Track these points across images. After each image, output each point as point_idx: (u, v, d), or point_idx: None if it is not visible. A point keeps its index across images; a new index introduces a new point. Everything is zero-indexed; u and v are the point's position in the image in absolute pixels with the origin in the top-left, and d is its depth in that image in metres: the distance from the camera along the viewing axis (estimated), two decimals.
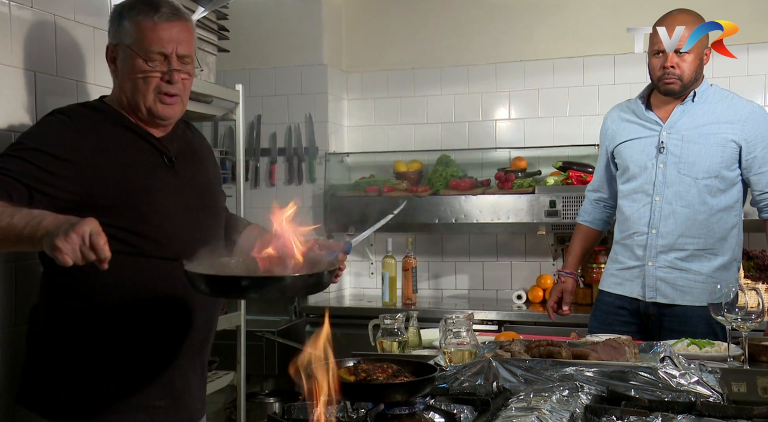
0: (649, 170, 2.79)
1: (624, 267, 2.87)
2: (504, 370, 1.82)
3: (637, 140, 2.83)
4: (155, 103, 1.87)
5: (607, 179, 3.03)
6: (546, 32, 4.45)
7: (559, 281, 3.08)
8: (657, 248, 2.77)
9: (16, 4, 2.04)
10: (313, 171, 4.60)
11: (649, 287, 2.79)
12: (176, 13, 1.88)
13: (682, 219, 2.74)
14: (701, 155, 2.72)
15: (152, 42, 1.84)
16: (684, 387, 1.71)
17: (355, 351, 2.19)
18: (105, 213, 1.70)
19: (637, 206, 2.82)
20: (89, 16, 2.29)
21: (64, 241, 1.44)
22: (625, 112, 2.95)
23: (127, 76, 1.87)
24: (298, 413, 1.67)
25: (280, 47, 4.61)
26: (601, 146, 3.04)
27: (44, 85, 2.13)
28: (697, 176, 2.73)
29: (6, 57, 2.01)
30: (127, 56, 1.85)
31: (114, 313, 1.83)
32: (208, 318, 2.01)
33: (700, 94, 2.78)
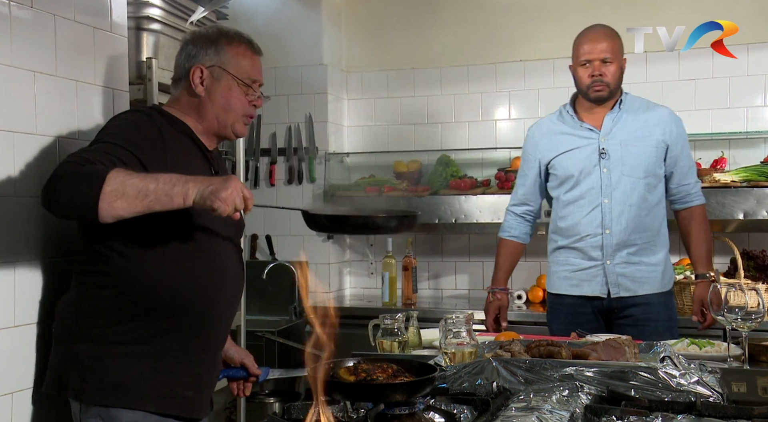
0: (594, 176, 2.95)
1: (578, 269, 2.99)
2: (504, 370, 1.82)
3: (576, 150, 2.99)
4: (239, 123, 2.10)
5: (535, 192, 3.15)
6: (546, 32, 4.45)
7: (495, 299, 3.17)
8: (612, 246, 2.93)
9: (16, 4, 2.04)
10: (313, 171, 4.60)
11: (611, 284, 2.94)
12: (260, 48, 2.15)
13: (631, 217, 2.92)
14: (640, 157, 2.93)
15: (251, 73, 2.08)
16: (684, 387, 1.71)
17: (355, 351, 2.20)
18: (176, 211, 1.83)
19: (585, 210, 2.96)
20: (89, 16, 2.29)
21: (228, 194, 1.67)
22: (554, 125, 3.11)
23: (222, 96, 2.06)
24: (298, 413, 1.67)
25: (280, 47, 4.61)
26: (529, 160, 3.14)
27: (44, 85, 2.13)
28: (638, 176, 2.93)
29: (6, 57, 2.01)
30: (225, 80, 2.05)
31: (148, 307, 1.92)
32: (231, 315, 2.13)
33: (624, 102, 3.01)
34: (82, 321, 1.94)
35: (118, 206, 1.68)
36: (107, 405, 1.90)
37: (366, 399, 1.58)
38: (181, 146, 2.01)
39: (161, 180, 1.70)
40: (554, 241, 3.08)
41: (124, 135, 1.89)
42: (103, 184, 1.67)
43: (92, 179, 1.68)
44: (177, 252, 1.89)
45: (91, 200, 1.67)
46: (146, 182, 1.70)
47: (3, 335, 1.99)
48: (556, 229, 3.06)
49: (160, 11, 2.84)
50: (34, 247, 2.09)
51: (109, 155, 1.81)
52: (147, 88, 2.74)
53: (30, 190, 2.07)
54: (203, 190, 1.68)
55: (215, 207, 1.67)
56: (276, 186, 4.66)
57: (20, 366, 2.05)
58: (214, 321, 2.04)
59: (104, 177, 1.67)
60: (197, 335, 2.00)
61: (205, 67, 2.05)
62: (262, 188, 4.68)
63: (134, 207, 1.69)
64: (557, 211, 3.05)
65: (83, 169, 1.72)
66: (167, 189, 1.69)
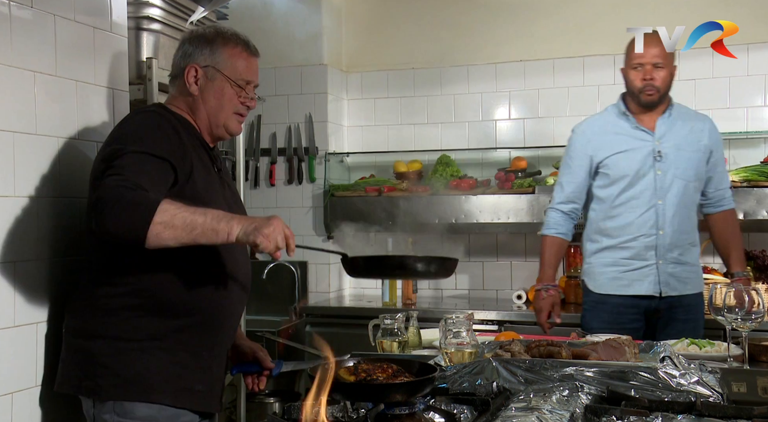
0: (648, 177, 3.02)
1: (629, 269, 3.04)
2: (504, 370, 1.82)
3: (632, 151, 3.04)
4: (232, 121, 2.13)
5: (583, 190, 3.16)
6: (546, 32, 4.45)
7: (548, 296, 3.17)
8: (665, 247, 3.01)
9: (16, 4, 2.04)
10: (313, 171, 4.60)
11: (663, 283, 3.01)
12: (256, 49, 2.17)
13: (682, 219, 3.03)
14: (691, 161, 3.04)
15: (244, 74, 2.10)
16: (684, 387, 1.71)
17: (355, 351, 2.20)
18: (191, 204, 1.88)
19: (639, 211, 3.02)
20: (89, 16, 2.29)
21: (272, 231, 1.74)
22: (607, 124, 3.14)
23: (215, 97, 2.09)
24: (298, 413, 1.67)
25: (280, 47, 4.61)
26: (579, 157, 3.14)
27: (44, 85, 2.13)
28: (689, 179, 3.04)
29: (6, 57, 2.01)
30: (218, 80, 2.08)
31: (162, 305, 1.96)
32: (241, 311, 2.19)
33: (674, 108, 3.11)
34: (95, 318, 1.97)
35: (166, 236, 1.74)
36: (122, 399, 1.93)
37: (366, 399, 1.58)
38: (191, 142, 2.04)
39: (209, 215, 1.77)
40: (597, 241, 3.11)
41: (151, 142, 1.91)
42: (154, 214, 1.72)
43: (144, 209, 1.73)
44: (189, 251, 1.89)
45: (142, 229, 1.73)
46: (195, 216, 1.76)
47: (3, 335, 1.99)
48: (600, 229, 3.09)
49: (160, 11, 2.84)
50: (33, 247, 2.09)
51: (148, 174, 1.85)
52: (147, 88, 2.74)
53: (30, 190, 2.07)
54: (247, 227, 1.75)
55: (258, 242, 1.73)
56: (276, 186, 4.66)
57: (21, 366, 2.05)
58: (226, 317, 2.08)
59: (155, 208, 1.73)
60: (209, 331, 2.04)
61: (199, 66, 2.07)
62: (262, 188, 4.68)
63: (181, 239, 1.76)
64: (604, 211, 3.08)
65: (135, 195, 1.76)
66: (213, 224, 1.76)
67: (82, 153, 2.24)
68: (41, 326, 2.11)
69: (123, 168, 1.83)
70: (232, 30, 2.15)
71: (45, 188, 2.12)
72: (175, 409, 1.97)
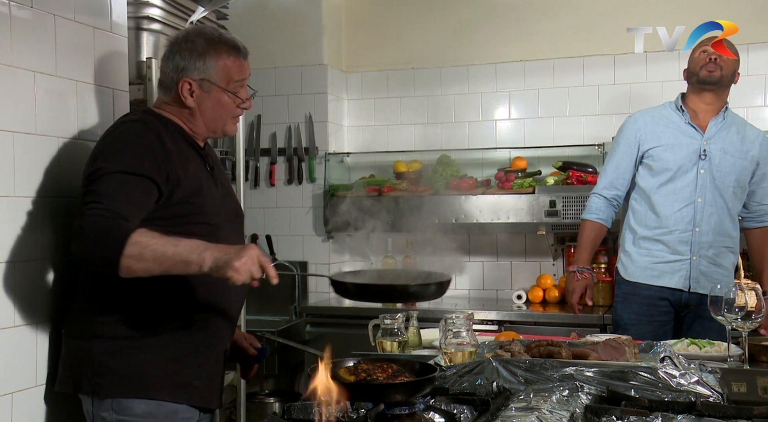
0: (691, 174, 3.03)
1: (661, 261, 3.06)
2: (504, 370, 1.82)
3: (679, 146, 3.05)
4: (228, 125, 2.15)
5: (627, 178, 3.15)
6: (546, 32, 4.45)
7: (582, 278, 3.15)
8: (700, 244, 3.03)
9: (16, 4, 2.04)
10: (313, 171, 4.60)
11: (693, 279, 3.03)
12: (246, 50, 2.15)
13: (719, 220, 3.04)
14: (735, 167, 3.05)
15: (238, 79, 2.10)
16: (684, 387, 1.71)
17: (355, 351, 2.20)
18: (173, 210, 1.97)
19: (678, 205, 3.03)
20: (89, 16, 2.29)
21: (241, 263, 1.72)
22: (659, 117, 3.13)
23: (212, 108, 2.09)
24: (298, 413, 1.67)
25: (280, 47, 4.61)
26: (627, 144, 3.13)
27: (44, 85, 2.13)
28: (729, 184, 3.05)
29: (6, 57, 2.01)
30: (214, 92, 2.08)
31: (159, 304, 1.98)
32: (239, 308, 2.19)
33: (728, 113, 3.11)
34: (93, 318, 1.99)
35: (137, 269, 1.77)
36: (120, 396, 1.95)
37: (366, 399, 1.58)
38: (178, 148, 2.03)
39: (181, 246, 1.77)
40: (634, 231, 3.12)
41: (131, 159, 1.92)
42: (124, 247, 1.75)
43: (115, 243, 1.76)
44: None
45: (113, 261, 1.76)
46: (166, 247, 1.77)
47: (3, 335, 2.00)
48: (639, 219, 3.11)
49: (160, 11, 2.84)
50: (33, 247, 2.09)
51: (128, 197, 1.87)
52: (147, 88, 2.74)
53: (30, 190, 2.07)
54: (218, 259, 1.74)
55: (228, 276, 1.73)
56: (276, 186, 4.66)
57: (21, 366, 2.05)
58: (223, 315, 2.10)
59: (126, 240, 1.75)
60: (206, 328, 2.06)
61: (194, 80, 2.06)
62: (262, 188, 4.68)
63: (151, 271, 1.78)
64: (644, 202, 3.09)
65: (111, 227, 1.79)
66: (184, 256, 1.76)
67: (82, 153, 2.23)
68: (41, 326, 2.11)
69: (101, 195, 1.86)
70: (218, 34, 2.13)
71: (45, 188, 2.12)
72: (173, 404, 1.99)
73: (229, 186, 2.28)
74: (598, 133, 4.27)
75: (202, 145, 2.16)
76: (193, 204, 2.01)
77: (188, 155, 2.07)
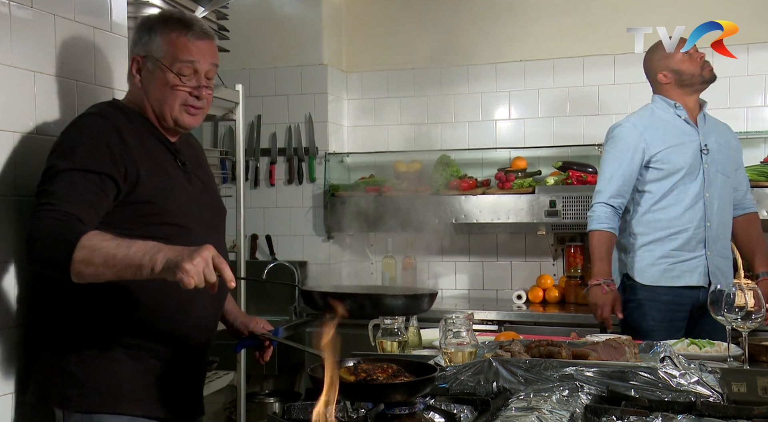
0: (698, 171, 3.07)
1: (679, 260, 3.07)
2: (504, 370, 1.82)
3: (683, 145, 3.09)
4: (181, 114, 1.97)
5: (632, 185, 3.14)
6: (546, 32, 4.45)
7: (610, 290, 3.09)
8: (713, 238, 3.08)
9: (16, 4, 2.04)
10: (313, 171, 4.60)
11: (711, 274, 3.07)
12: (206, 32, 1.97)
13: (725, 212, 3.13)
14: (729, 157, 3.15)
15: (185, 56, 1.92)
16: (684, 387, 1.71)
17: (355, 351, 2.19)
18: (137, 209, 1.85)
19: (688, 203, 3.06)
20: (89, 16, 2.29)
21: (192, 264, 1.56)
22: (656, 120, 3.14)
23: (156, 88, 1.95)
24: (298, 413, 1.67)
25: (280, 47, 4.61)
26: (632, 151, 3.09)
27: (44, 85, 2.12)
28: (728, 175, 3.14)
29: (6, 57, 2.01)
30: (157, 69, 1.93)
31: (131, 313, 1.88)
32: (216, 315, 2.09)
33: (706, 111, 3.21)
34: (65, 328, 1.90)
35: (88, 274, 1.65)
36: (90, 411, 1.86)
37: (366, 399, 1.58)
38: (141, 142, 1.93)
39: (133, 248, 1.64)
40: (643, 234, 3.11)
41: (87, 155, 1.81)
42: (74, 251, 1.63)
43: (65, 247, 1.65)
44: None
45: (63, 266, 1.65)
46: (117, 249, 1.64)
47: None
48: (646, 222, 3.11)
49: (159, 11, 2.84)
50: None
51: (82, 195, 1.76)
52: None
53: (30, 190, 2.06)
54: (170, 260, 1.59)
55: (178, 279, 1.57)
56: (276, 186, 4.66)
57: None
58: (198, 324, 2.00)
59: (75, 244, 1.64)
60: (181, 338, 1.96)
61: (140, 57, 1.95)
62: (262, 188, 4.68)
63: (102, 275, 1.65)
64: (652, 204, 3.09)
65: (61, 230, 1.68)
66: (136, 259, 1.62)
67: None
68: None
69: (54, 195, 1.75)
70: (179, 13, 1.99)
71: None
72: (145, 420, 1.90)
73: (210, 184, 2.15)
74: (598, 133, 4.25)
75: (173, 139, 2.03)
76: (158, 204, 1.88)
77: (154, 150, 1.96)
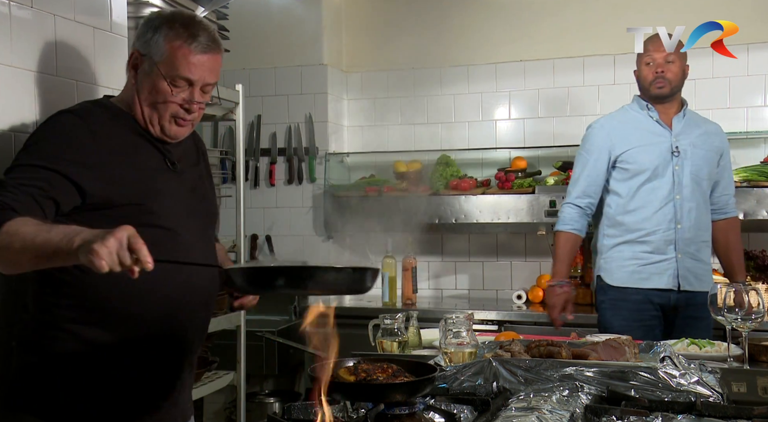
0: (668, 172, 3.06)
1: (647, 263, 3.06)
2: (504, 370, 1.82)
3: (651, 146, 3.09)
4: (170, 124, 1.90)
5: (600, 185, 3.16)
6: (546, 32, 4.45)
7: (562, 292, 3.16)
8: (683, 241, 3.05)
9: (16, 4, 2.04)
10: (313, 171, 4.60)
11: (681, 277, 3.05)
12: (211, 45, 1.88)
13: (698, 215, 3.08)
14: (706, 159, 3.10)
15: (182, 69, 1.85)
16: (684, 387, 1.71)
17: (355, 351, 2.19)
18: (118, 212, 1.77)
19: (658, 204, 3.06)
20: (89, 16, 2.29)
21: (102, 245, 1.42)
22: (625, 120, 3.17)
23: (148, 92, 1.88)
24: (298, 413, 1.67)
25: (280, 47, 4.61)
26: (597, 151, 3.15)
27: (44, 85, 2.13)
28: (703, 177, 3.09)
29: (6, 57, 2.01)
30: (153, 73, 1.86)
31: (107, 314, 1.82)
32: (202, 317, 2.01)
33: (687, 110, 3.17)
34: (37, 332, 1.83)
35: (7, 261, 1.59)
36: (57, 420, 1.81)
37: (366, 399, 1.58)
38: (123, 143, 1.86)
39: (53, 232, 1.54)
40: (612, 236, 3.13)
41: (50, 153, 1.76)
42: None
43: None
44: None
45: None
46: (37, 234, 1.55)
47: None
48: (616, 223, 3.12)
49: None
50: None
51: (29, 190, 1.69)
52: None
53: None
54: (85, 241, 1.46)
55: (87, 262, 1.45)
56: (276, 186, 4.66)
57: None
58: (181, 327, 1.92)
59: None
60: (163, 342, 1.88)
61: (140, 53, 1.88)
62: (262, 188, 4.68)
63: (21, 262, 1.58)
64: (622, 205, 3.11)
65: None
66: (54, 243, 1.52)
67: None
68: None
69: (5, 186, 1.69)
70: (189, 18, 1.90)
71: None
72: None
73: (202, 185, 2.06)
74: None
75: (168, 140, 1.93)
76: (141, 205, 1.81)
77: (139, 150, 1.88)
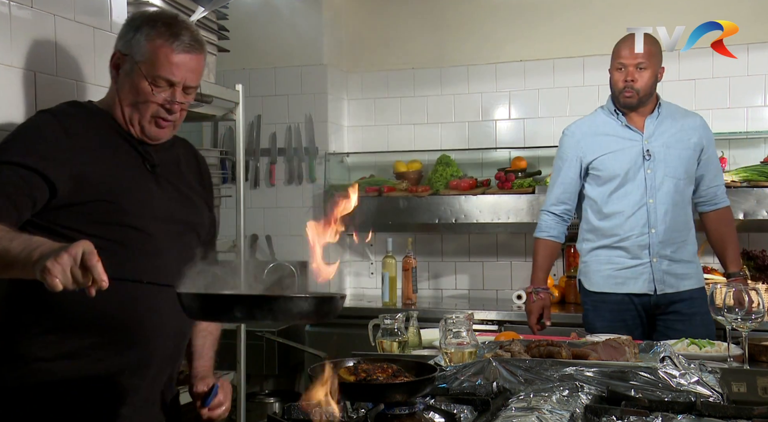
0: (639, 177, 3.04)
1: (622, 267, 3.05)
2: (504, 370, 1.82)
3: (621, 151, 3.07)
4: (150, 124, 1.87)
5: (574, 191, 3.18)
6: (546, 32, 4.45)
7: (539, 299, 3.19)
8: (657, 245, 3.01)
9: (16, 4, 2.04)
10: (313, 171, 4.60)
11: (657, 281, 3.01)
12: (194, 44, 1.85)
13: (674, 216, 3.04)
14: (681, 159, 3.05)
15: (163, 69, 1.83)
16: (684, 387, 1.71)
17: (355, 351, 2.19)
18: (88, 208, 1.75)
19: (630, 210, 3.04)
20: (89, 16, 2.29)
21: (54, 262, 1.37)
22: (595, 125, 3.17)
23: (129, 91, 1.86)
24: (298, 413, 1.67)
25: (280, 47, 4.61)
26: (569, 158, 3.16)
27: (44, 85, 2.13)
28: (679, 177, 3.05)
29: (6, 57, 2.01)
30: (134, 72, 1.84)
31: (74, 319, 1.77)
32: (178, 325, 1.92)
33: (662, 107, 3.12)
34: (6, 338, 1.79)
35: None
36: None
37: (366, 399, 1.58)
38: (98, 140, 1.83)
39: (15, 242, 1.50)
40: (590, 241, 3.13)
41: (23, 148, 1.73)
42: None
43: None
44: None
45: None
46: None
47: None
48: (593, 229, 3.12)
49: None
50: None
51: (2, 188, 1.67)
52: None
53: None
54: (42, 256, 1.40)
55: (41, 279, 1.38)
56: (276, 186, 4.66)
57: None
58: (154, 333, 1.85)
59: None
60: (133, 348, 1.83)
61: (121, 53, 1.86)
62: (262, 188, 4.68)
63: None
64: (596, 211, 3.11)
65: None
66: (13, 255, 1.48)
67: None
68: None
69: None
70: (171, 17, 1.88)
71: None
72: None
73: (190, 194, 2.00)
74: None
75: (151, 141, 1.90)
76: (113, 202, 1.77)
77: (115, 150, 1.85)
